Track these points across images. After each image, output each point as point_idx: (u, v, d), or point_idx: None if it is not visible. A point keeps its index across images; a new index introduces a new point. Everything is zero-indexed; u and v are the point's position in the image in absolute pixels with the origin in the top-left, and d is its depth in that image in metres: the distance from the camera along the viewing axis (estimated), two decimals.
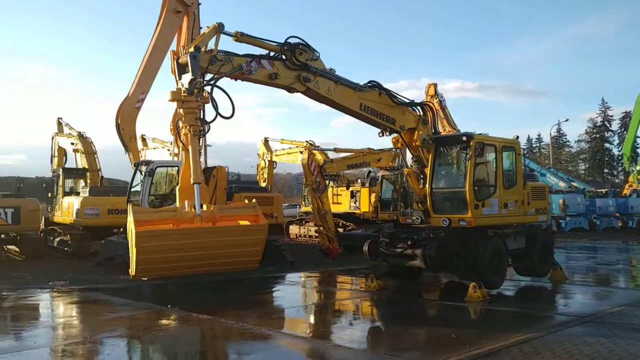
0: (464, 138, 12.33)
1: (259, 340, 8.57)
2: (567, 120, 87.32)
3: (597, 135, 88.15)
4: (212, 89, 9.28)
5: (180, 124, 9.07)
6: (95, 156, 22.96)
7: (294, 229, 28.46)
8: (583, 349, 7.42)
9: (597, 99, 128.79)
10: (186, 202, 8.95)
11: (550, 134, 65.25)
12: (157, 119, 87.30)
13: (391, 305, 12.10)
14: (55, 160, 24.51)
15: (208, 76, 9.74)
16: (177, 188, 9.09)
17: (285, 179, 55.31)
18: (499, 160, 12.72)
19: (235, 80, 10.15)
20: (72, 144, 23.26)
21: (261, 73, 10.15)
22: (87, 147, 22.84)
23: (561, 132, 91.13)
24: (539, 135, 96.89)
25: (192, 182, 8.82)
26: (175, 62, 9.07)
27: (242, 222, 9.30)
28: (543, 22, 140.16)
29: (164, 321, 9.75)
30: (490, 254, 12.03)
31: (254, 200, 10.33)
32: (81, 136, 23.03)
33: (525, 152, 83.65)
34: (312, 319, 10.60)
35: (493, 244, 12.25)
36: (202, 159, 21.63)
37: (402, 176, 23.97)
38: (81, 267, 16.60)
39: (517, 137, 13.59)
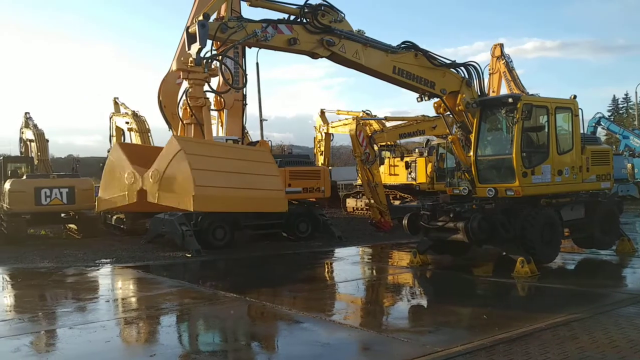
0: (510, 100, 11.29)
1: (283, 320, 8.28)
2: None
3: None
4: (222, 59, 8.69)
5: (185, 97, 8.51)
6: (149, 134, 23.18)
7: (350, 202, 27.86)
8: (629, 334, 6.48)
9: None
10: None
11: (636, 92, 59.75)
12: None
13: (428, 282, 11.39)
14: (114, 140, 24.95)
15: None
16: None
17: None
18: (552, 122, 11.59)
19: (250, 47, 9.59)
20: (127, 122, 23.58)
21: (279, 39, 9.48)
22: (141, 125, 23.02)
23: None
24: (626, 94, 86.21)
25: None
26: (185, 33, 8.53)
27: None
28: None
29: (186, 300, 9.53)
30: (540, 225, 11.05)
31: None
32: (135, 115, 23.28)
33: (610, 113, 78.50)
34: (334, 298, 10.06)
35: (544, 214, 11.25)
36: (251, 132, 21.39)
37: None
38: (133, 244, 16.83)
39: (575, 97, 12.35)
